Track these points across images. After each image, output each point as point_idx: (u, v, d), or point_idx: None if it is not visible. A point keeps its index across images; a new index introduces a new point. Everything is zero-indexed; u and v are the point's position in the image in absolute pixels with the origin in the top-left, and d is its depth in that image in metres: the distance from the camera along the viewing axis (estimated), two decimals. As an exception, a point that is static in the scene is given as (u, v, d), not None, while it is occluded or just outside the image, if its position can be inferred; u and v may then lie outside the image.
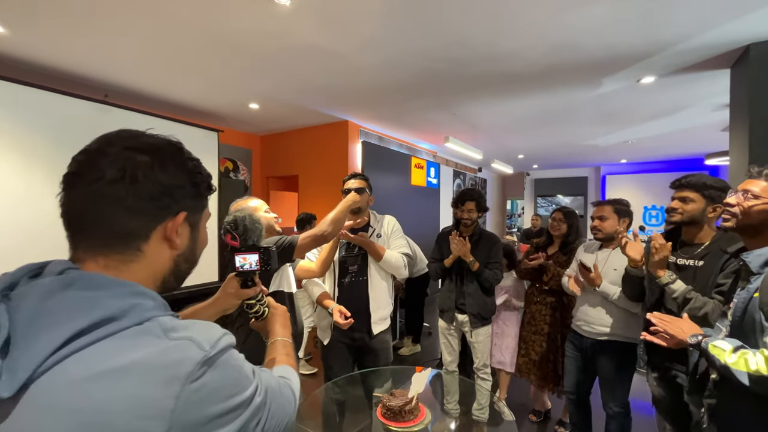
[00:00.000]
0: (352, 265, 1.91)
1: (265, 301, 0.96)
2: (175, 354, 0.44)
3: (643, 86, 3.13)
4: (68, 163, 0.52)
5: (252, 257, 0.91)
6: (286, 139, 5.01)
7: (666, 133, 4.95)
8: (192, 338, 0.46)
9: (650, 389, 1.67)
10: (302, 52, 2.51)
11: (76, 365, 0.40)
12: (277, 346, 0.83)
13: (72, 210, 0.51)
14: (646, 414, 2.51)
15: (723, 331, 1.11)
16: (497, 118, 4.25)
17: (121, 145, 0.51)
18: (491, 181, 9.37)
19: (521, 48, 2.42)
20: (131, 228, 0.51)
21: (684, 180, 1.50)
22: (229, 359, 0.49)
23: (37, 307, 0.42)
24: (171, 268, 0.56)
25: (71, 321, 0.41)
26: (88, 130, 2.67)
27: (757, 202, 1.05)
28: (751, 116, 2.32)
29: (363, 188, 1.88)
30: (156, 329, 0.45)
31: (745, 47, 2.39)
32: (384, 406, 1.35)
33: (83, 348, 0.41)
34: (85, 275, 0.47)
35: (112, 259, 0.50)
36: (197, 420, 0.43)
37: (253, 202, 1.70)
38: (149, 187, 0.50)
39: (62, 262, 0.49)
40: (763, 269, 0.99)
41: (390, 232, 2.00)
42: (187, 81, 3.11)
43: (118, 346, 0.42)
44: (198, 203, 0.58)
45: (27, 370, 0.39)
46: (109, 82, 3.09)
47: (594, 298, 1.93)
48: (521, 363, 2.50)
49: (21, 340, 0.40)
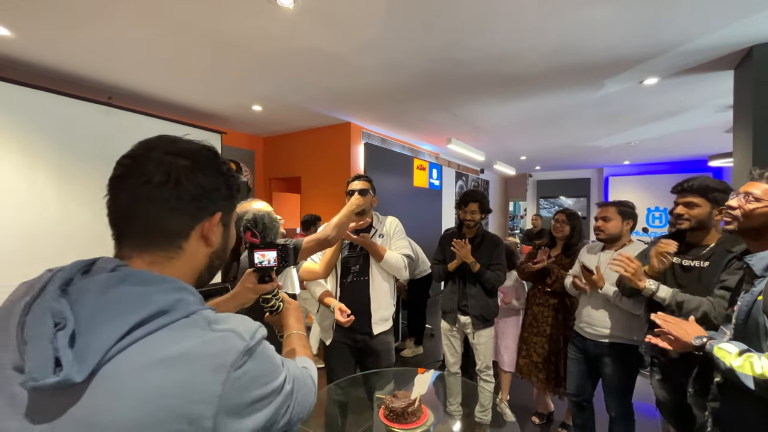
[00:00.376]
0: (354, 265, 1.92)
1: (280, 296, 1.00)
2: (221, 344, 0.48)
3: (646, 88, 3.12)
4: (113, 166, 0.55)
5: (270, 254, 0.95)
6: (289, 141, 5.03)
7: (669, 134, 4.93)
8: (234, 330, 0.50)
9: (654, 392, 1.66)
10: (305, 54, 2.52)
11: (137, 353, 0.44)
12: (293, 338, 0.88)
13: (119, 211, 0.54)
14: (649, 416, 2.50)
15: (727, 334, 1.10)
16: (499, 120, 4.25)
17: (162, 149, 0.55)
18: (493, 182, 9.36)
19: (523, 49, 2.43)
20: (174, 227, 0.55)
21: (686, 185, 1.49)
22: (265, 349, 0.54)
23: (98, 301, 0.46)
24: (206, 264, 0.61)
25: (130, 313, 0.45)
26: (91, 132, 2.71)
27: (758, 204, 1.05)
28: (755, 117, 2.31)
29: (367, 190, 1.88)
30: (201, 321, 0.49)
31: (748, 48, 2.38)
32: (386, 408, 1.35)
33: (142, 338, 0.45)
34: (135, 272, 0.51)
35: (157, 256, 0.55)
36: (239, 404, 0.48)
37: (257, 204, 1.71)
38: (191, 189, 0.55)
39: (111, 259, 0.53)
40: (767, 272, 0.99)
41: (392, 233, 2.00)
42: (191, 83, 3.13)
43: (171, 337, 0.47)
44: (230, 204, 0.63)
45: (96, 357, 0.43)
46: (113, 84, 3.11)
47: (597, 300, 1.92)
48: (522, 365, 2.49)
49: (86, 330, 0.44)
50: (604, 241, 2.01)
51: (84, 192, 2.95)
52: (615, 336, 1.86)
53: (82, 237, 2.94)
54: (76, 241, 2.88)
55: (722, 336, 1.12)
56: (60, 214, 2.79)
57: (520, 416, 2.59)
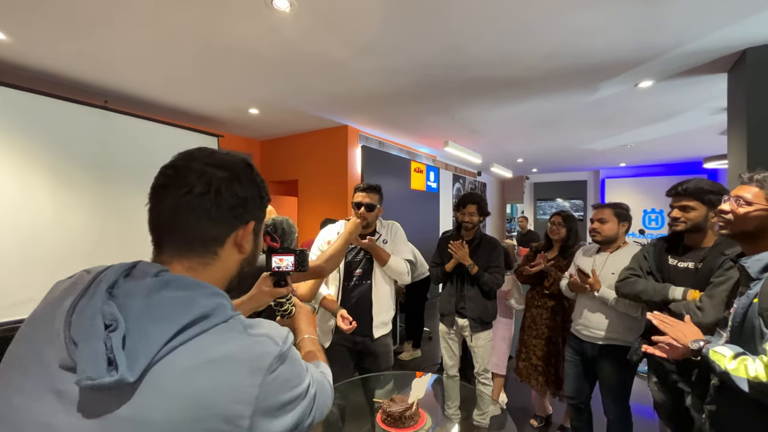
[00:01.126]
0: (357, 269, 1.92)
1: (293, 300, 1.02)
2: (258, 348, 0.51)
3: (641, 90, 3.15)
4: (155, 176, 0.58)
5: (288, 258, 0.97)
6: (286, 144, 5.03)
7: (664, 136, 4.96)
8: (268, 335, 0.53)
9: (651, 394, 1.66)
10: (302, 57, 2.52)
11: (183, 355, 0.46)
12: (306, 342, 0.91)
13: (161, 218, 0.57)
14: (647, 418, 2.50)
15: (723, 336, 1.11)
16: (496, 123, 4.27)
17: (202, 161, 0.58)
18: (491, 185, 9.38)
19: (519, 53, 2.44)
20: (212, 234, 0.58)
21: (681, 188, 1.49)
22: (294, 354, 0.57)
23: (145, 304, 0.48)
24: (237, 270, 0.64)
25: (177, 317, 0.48)
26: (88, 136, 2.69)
27: (750, 208, 1.05)
28: (749, 120, 2.33)
29: (374, 205, 1.88)
30: (238, 326, 0.52)
31: (741, 52, 2.41)
32: (384, 412, 1.35)
33: (188, 340, 0.47)
34: (177, 277, 0.53)
35: (194, 262, 0.58)
36: (272, 406, 0.50)
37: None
38: (229, 199, 0.58)
39: (153, 264, 0.55)
40: (762, 275, 0.99)
41: (395, 238, 2.01)
42: (187, 86, 3.13)
43: (214, 340, 0.49)
44: (262, 213, 0.67)
45: (147, 358, 0.44)
46: (109, 87, 3.10)
47: (593, 302, 1.93)
48: (522, 367, 2.49)
49: (135, 332, 0.46)
50: (600, 243, 2.02)
51: (80, 196, 2.93)
52: (611, 338, 1.86)
53: (77, 241, 2.92)
54: (72, 245, 2.86)
55: (719, 339, 1.12)
56: (55, 217, 2.77)
57: (518, 419, 2.58)
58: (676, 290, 1.44)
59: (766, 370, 0.88)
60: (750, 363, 0.92)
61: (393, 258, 1.90)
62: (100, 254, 3.05)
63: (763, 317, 0.93)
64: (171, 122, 3.64)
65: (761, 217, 1.04)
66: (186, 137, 3.76)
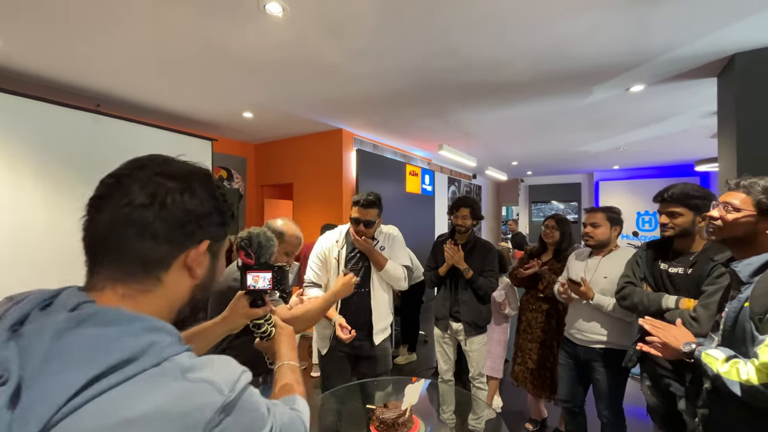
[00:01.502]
0: (359, 286, 1.88)
1: (272, 320, 0.93)
2: (195, 400, 0.42)
3: (632, 95, 3.18)
4: (95, 185, 0.52)
5: (265, 276, 0.88)
6: (280, 148, 5.02)
7: (656, 139, 5.01)
8: (211, 381, 0.44)
9: (645, 398, 1.67)
10: (295, 61, 2.52)
11: (93, 414, 0.37)
12: (285, 371, 0.80)
13: (95, 234, 0.49)
14: (641, 420, 2.50)
15: (716, 340, 1.11)
16: (490, 126, 4.29)
17: (152, 170, 0.50)
18: (486, 188, 9.42)
19: (512, 57, 2.46)
20: (154, 255, 0.49)
21: (666, 194, 1.50)
22: (248, 400, 0.48)
23: (51, 348, 0.39)
24: (187, 298, 0.55)
25: (87, 364, 0.39)
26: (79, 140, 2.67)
27: (738, 214, 1.06)
28: (738, 124, 2.36)
29: (373, 221, 1.85)
30: (174, 371, 0.43)
31: (730, 56, 2.44)
32: (377, 419, 1.34)
33: (100, 394, 0.38)
34: (101, 310, 0.44)
35: (131, 288, 0.49)
36: None
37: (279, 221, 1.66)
38: (177, 213, 0.50)
39: (76, 293, 0.46)
40: (753, 278, 0.99)
41: (391, 243, 1.99)
42: (181, 90, 3.11)
43: (136, 391, 0.39)
44: (221, 232, 0.57)
45: (40, 423, 0.35)
46: (101, 91, 3.08)
47: (586, 306, 1.93)
48: (518, 371, 2.49)
49: (33, 384, 0.37)
50: (593, 247, 2.02)
51: (71, 200, 2.90)
52: (605, 342, 1.86)
53: (69, 245, 2.88)
54: (63, 249, 2.83)
55: (710, 342, 1.13)
56: (47, 221, 2.74)
57: (513, 423, 2.58)
58: (669, 299, 1.45)
59: (757, 373, 0.89)
60: (742, 366, 0.92)
61: (390, 263, 1.90)
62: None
63: (753, 321, 0.94)
64: (164, 126, 3.62)
65: (749, 223, 1.04)
66: (179, 141, 3.73)
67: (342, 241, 1.95)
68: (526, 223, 9.52)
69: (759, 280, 0.98)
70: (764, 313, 0.92)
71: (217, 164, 4.64)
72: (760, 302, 0.93)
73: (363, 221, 1.82)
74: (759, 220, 1.03)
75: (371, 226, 1.83)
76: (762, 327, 0.92)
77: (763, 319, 0.92)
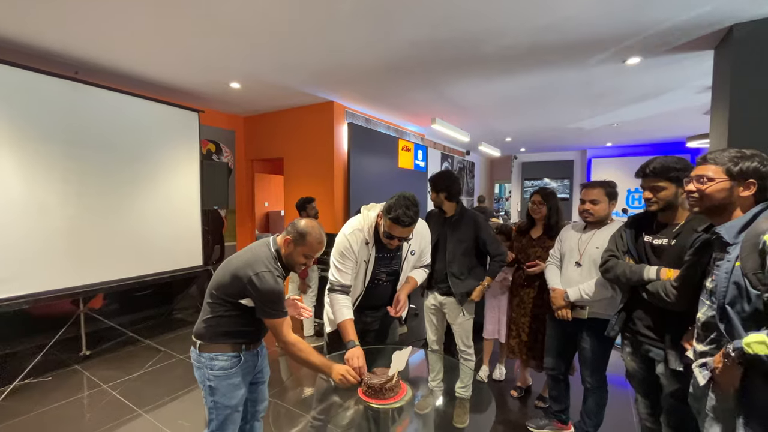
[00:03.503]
0: (383, 277, 1.81)
1: None
2: None
3: (628, 67, 3.12)
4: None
5: None
6: (271, 121, 4.90)
7: (650, 116, 4.99)
8: None
9: (624, 364, 1.72)
10: (284, 28, 2.41)
11: None
12: None
13: None
14: (621, 387, 2.62)
15: (707, 304, 1.14)
16: (484, 99, 4.22)
17: None
18: (479, 164, 9.38)
19: (506, 27, 2.38)
20: None
21: (648, 169, 1.50)
22: None
23: None
24: None
25: None
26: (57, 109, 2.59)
27: (713, 184, 1.13)
28: (732, 97, 2.33)
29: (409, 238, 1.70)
30: None
31: (728, 28, 2.39)
32: (365, 384, 1.37)
33: None
34: None
35: None
36: None
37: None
38: None
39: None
40: (738, 238, 1.04)
41: (424, 244, 1.88)
42: (164, 57, 2.98)
43: None
44: None
45: None
46: (79, 57, 2.94)
47: (574, 281, 1.96)
48: (514, 344, 2.55)
49: None
50: (592, 224, 2.00)
51: (50, 172, 2.82)
52: (591, 312, 1.91)
53: (53, 218, 2.83)
54: (42, 224, 2.78)
55: (702, 306, 1.16)
56: (25, 196, 2.67)
57: (500, 391, 2.67)
58: (651, 270, 1.47)
59: None
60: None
61: (419, 277, 1.89)
62: (77, 230, 2.98)
63: (747, 277, 0.97)
64: (147, 96, 3.49)
65: (725, 189, 1.11)
66: (164, 112, 3.62)
67: (372, 243, 1.72)
68: (518, 200, 9.56)
69: (744, 239, 1.02)
70: (759, 268, 0.95)
71: (204, 137, 4.53)
72: (751, 259, 0.97)
73: (400, 238, 1.63)
74: (733, 186, 1.11)
75: (406, 240, 1.70)
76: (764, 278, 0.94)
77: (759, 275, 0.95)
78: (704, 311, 1.16)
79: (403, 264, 1.81)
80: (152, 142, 3.47)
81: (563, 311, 1.96)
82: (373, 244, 1.70)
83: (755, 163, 1.09)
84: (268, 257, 1.41)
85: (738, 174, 1.10)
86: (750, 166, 1.09)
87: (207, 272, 4.03)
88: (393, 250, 1.74)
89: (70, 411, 2.42)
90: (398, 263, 1.80)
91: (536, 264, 2.34)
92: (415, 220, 1.58)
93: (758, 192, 1.09)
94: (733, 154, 1.13)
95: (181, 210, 3.80)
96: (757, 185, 1.09)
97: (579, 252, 1.97)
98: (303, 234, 1.44)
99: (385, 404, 1.32)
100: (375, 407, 1.33)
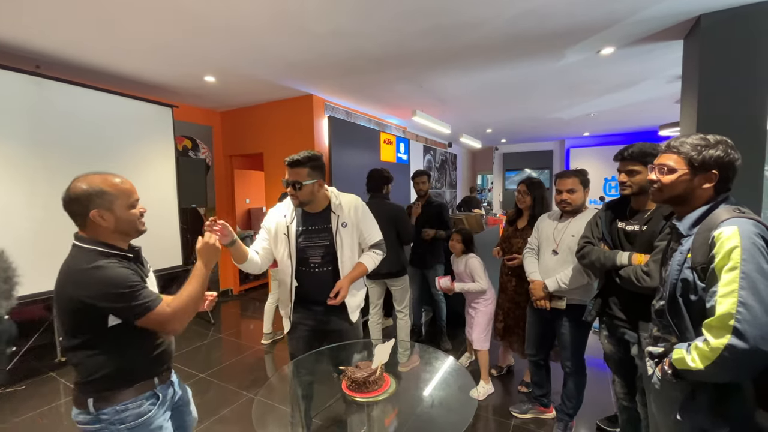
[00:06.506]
0: (314, 256, 1.69)
1: None
2: None
3: (603, 58, 3.18)
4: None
5: None
6: (249, 115, 4.78)
7: (624, 105, 5.12)
8: None
9: (602, 347, 1.78)
10: (259, 20, 2.34)
11: None
12: None
13: None
14: (599, 370, 2.71)
15: (661, 292, 1.14)
16: (464, 91, 4.23)
17: None
18: (461, 156, 9.44)
19: (484, 18, 2.38)
20: None
21: (626, 153, 1.55)
22: None
23: None
24: None
25: None
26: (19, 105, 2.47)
27: (674, 175, 1.09)
28: (700, 86, 2.41)
29: (301, 183, 1.60)
30: None
31: (696, 18, 2.45)
32: (349, 378, 1.36)
33: None
34: None
35: None
36: None
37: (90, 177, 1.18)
38: None
39: None
40: (692, 230, 1.04)
41: (359, 217, 1.75)
42: (131, 49, 2.85)
43: None
44: None
45: None
46: (40, 50, 2.78)
47: (551, 269, 2.00)
48: (500, 328, 2.60)
49: None
50: (570, 213, 2.03)
51: (13, 173, 2.69)
52: (569, 299, 1.96)
53: (21, 219, 2.70)
54: (8, 227, 2.65)
55: (657, 294, 1.16)
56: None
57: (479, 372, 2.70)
58: (623, 256, 1.51)
59: (699, 356, 0.91)
60: (686, 355, 0.95)
61: (368, 261, 1.74)
62: (46, 232, 2.85)
63: (696, 270, 0.98)
64: (115, 90, 3.35)
65: (686, 180, 1.07)
66: (136, 107, 3.49)
67: (291, 215, 1.71)
68: (500, 191, 9.69)
69: (697, 231, 1.01)
70: (706, 263, 0.96)
71: (180, 133, 4.39)
72: (700, 252, 0.97)
73: (290, 183, 1.62)
74: (693, 177, 1.06)
75: (301, 189, 1.61)
76: (708, 278, 0.95)
77: (707, 270, 0.95)
78: (658, 299, 1.16)
79: (336, 239, 1.68)
80: (124, 140, 3.34)
81: (542, 302, 2.00)
82: (292, 217, 1.70)
83: (718, 152, 1.03)
84: (84, 257, 1.12)
85: (699, 165, 1.05)
86: (712, 156, 1.03)
87: (186, 271, 3.93)
88: (319, 222, 1.68)
89: (46, 419, 2.34)
90: (329, 237, 1.68)
91: (514, 258, 2.39)
92: (297, 162, 1.61)
93: (719, 183, 1.05)
94: (696, 141, 1.07)
95: (158, 209, 3.69)
96: (719, 176, 1.04)
97: (555, 241, 2.01)
98: (89, 194, 1.12)
99: (369, 397, 1.33)
100: (359, 401, 1.33)
